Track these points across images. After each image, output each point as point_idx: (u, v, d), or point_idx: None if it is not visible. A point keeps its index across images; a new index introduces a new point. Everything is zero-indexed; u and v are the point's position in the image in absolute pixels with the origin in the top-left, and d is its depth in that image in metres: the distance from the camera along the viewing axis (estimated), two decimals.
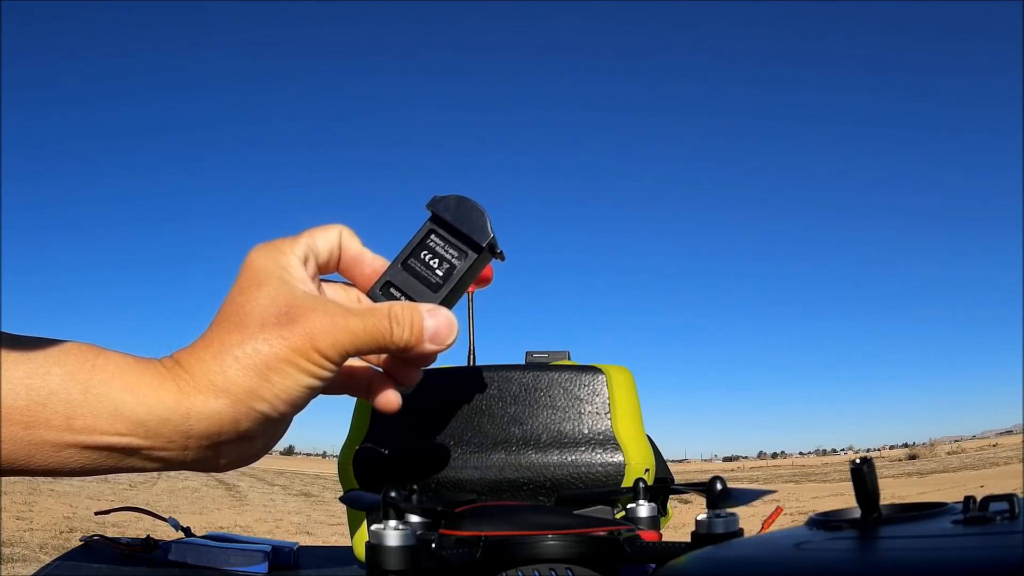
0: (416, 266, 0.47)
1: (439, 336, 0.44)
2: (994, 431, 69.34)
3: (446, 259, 0.47)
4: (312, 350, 0.40)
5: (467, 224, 0.46)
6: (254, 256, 0.43)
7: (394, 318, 0.42)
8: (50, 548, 5.47)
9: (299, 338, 0.39)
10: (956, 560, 0.25)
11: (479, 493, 0.59)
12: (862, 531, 0.30)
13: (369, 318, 0.42)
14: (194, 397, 0.38)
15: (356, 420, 0.63)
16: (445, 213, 0.47)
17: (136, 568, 0.79)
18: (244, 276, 0.42)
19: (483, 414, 0.61)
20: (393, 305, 0.43)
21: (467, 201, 0.47)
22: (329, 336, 0.40)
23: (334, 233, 0.47)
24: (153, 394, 0.38)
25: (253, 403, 0.39)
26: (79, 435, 0.37)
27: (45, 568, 0.77)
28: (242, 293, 0.41)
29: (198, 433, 0.39)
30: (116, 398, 0.37)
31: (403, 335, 0.43)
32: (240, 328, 0.40)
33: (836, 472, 24.86)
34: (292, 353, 0.39)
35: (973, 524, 0.28)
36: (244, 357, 0.39)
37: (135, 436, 0.38)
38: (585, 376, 0.62)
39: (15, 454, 0.37)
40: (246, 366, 0.39)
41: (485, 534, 0.44)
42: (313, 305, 0.41)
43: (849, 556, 0.28)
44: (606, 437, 0.59)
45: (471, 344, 0.75)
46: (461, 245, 0.47)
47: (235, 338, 0.39)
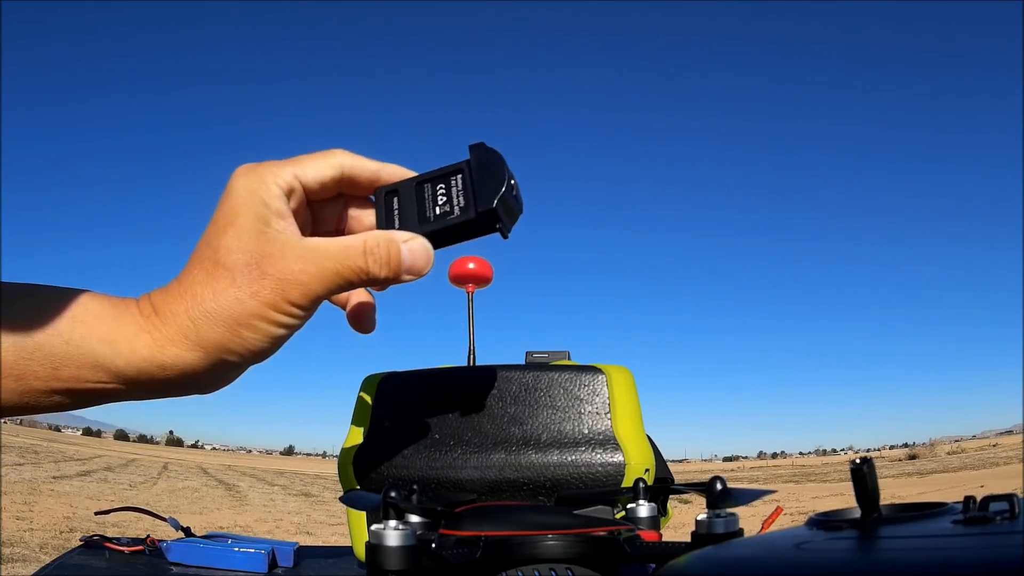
0: (426, 191, 0.46)
1: (415, 267, 0.44)
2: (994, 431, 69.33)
3: (451, 202, 0.46)
4: (283, 302, 0.41)
5: (483, 183, 0.45)
6: (235, 184, 0.42)
7: (369, 253, 0.42)
8: (50, 548, 5.47)
9: (270, 292, 0.40)
10: (956, 560, 0.25)
11: (479, 493, 0.59)
12: (862, 531, 0.30)
13: (344, 258, 0.42)
14: (168, 350, 0.40)
15: (356, 420, 0.63)
16: (476, 161, 0.46)
17: (136, 568, 0.79)
18: (222, 210, 0.42)
19: (483, 414, 0.61)
20: (367, 238, 0.43)
21: (498, 162, 0.45)
22: (301, 286, 0.41)
23: (328, 165, 0.44)
24: (130, 346, 0.40)
25: (224, 355, 0.41)
26: (65, 383, 0.40)
27: (45, 568, 0.77)
28: (217, 235, 0.41)
29: (173, 380, 0.41)
30: (96, 350, 0.40)
31: (379, 271, 0.43)
32: (213, 278, 0.40)
33: (836, 472, 24.87)
34: (263, 307, 0.40)
35: (973, 524, 0.28)
36: (216, 311, 0.40)
37: (116, 383, 0.41)
38: (585, 376, 0.62)
39: (9, 401, 0.40)
40: (218, 321, 0.40)
41: (485, 534, 0.44)
42: (284, 251, 0.41)
43: (849, 556, 0.28)
44: (606, 437, 0.59)
45: (471, 344, 0.75)
46: (471, 199, 0.45)
47: (208, 290, 0.40)
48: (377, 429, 0.61)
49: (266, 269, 0.40)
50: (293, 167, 0.43)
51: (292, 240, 0.41)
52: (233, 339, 0.40)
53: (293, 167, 0.43)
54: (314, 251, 0.41)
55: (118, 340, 0.40)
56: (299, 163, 0.43)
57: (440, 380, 0.63)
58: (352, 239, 0.43)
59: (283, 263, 0.40)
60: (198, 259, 0.41)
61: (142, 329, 0.40)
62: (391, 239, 0.43)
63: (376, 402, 0.63)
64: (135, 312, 0.41)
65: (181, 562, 0.82)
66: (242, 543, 0.84)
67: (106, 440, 75.27)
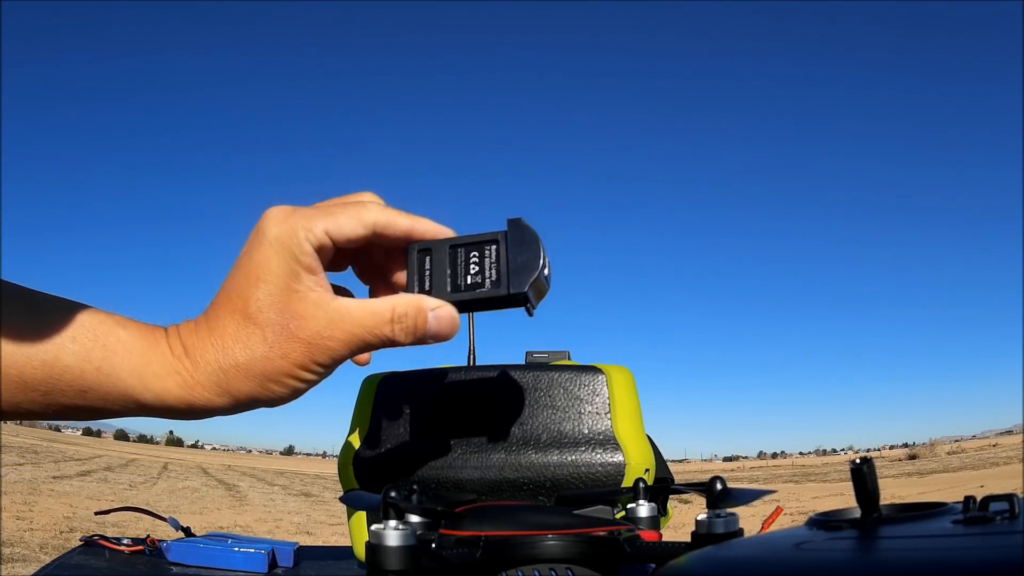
0: (459, 256, 0.47)
1: (440, 335, 0.45)
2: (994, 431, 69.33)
3: (483, 274, 0.46)
4: (311, 363, 0.42)
5: (518, 262, 0.45)
6: (267, 233, 0.42)
7: (397, 321, 0.43)
8: (50, 548, 5.47)
9: (299, 355, 0.42)
10: (956, 560, 0.25)
11: (479, 493, 0.59)
12: (862, 531, 0.30)
13: (372, 326, 0.42)
14: (198, 394, 0.42)
15: (356, 420, 0.63)
16: (514, 237, 0.46)
17: (136, 568, 0.79)
18: (253, 259, 0.42)
19: (483, 414, 0.61)
20: (396, 305, 0.43)
21: (534, 243, 0.46)
22: (328, 350, 0.42)
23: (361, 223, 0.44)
24: (161, 384, 0.42)
25: (250, 403, 0.43)
26: (91, 403, 0.42)
27: (45, 568, 0.77)
28: (248, 286, 0.42)
29: (198, 416, 0.44)
30: (126, 382, 0.42)
31: (404, 339, 0.44)
32: (244, 332, 0.41)
33: (836, 472, 24.87)
34: (292, 367, 0.42)
35: (973, 524, 0.28)
36: (247, 367, 0.42)
37: (140, 412, 0.43)
38: (585, 376, 0.62)
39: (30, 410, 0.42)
40: (247, 375, 0.42)
41: (485, 534, 0.44)
42: (315, 313, 0.42)
43: (849, 556, 0.28)
44: (606, 437, 0.59)
45: (471, 344, 0.75)
46: (503, 275, 0.46)
47: (239, 345, 0.42)
48: (377, 429, 0.61)
49: (296, 332, 0.41)
50: (325, 222, 0.42)
51: (322, 301, 0.42)
52: (261, 391, 0.42)
53: (325, 222, 0.42)
54: (343, 316, 0.42)
55: (148, 376, 0.42)
56: (333, 217, 0.43)
57: (440, 380, 0.63)
58: (380, 304, 0.43)
59: (313, 327, 0.42)
60: (228, 308, 0.42)
61: (173, 370, 0.42)
62: (420, 308, 0.44)
63: (376, 402, 0.63)
64: (166, 350, 0.42)
65: (181, 562, 0.82)
66: (242, 543, 0.84)
67: (106, 440, 75.26)
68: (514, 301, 0.46)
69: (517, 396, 0.61)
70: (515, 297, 0.45)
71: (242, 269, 0.42)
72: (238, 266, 0.42)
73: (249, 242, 0.43)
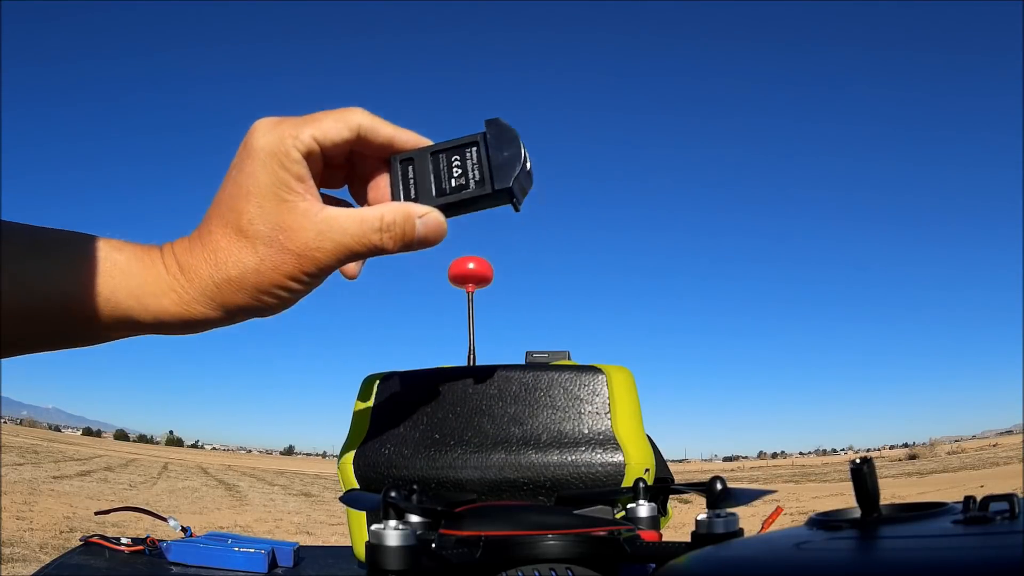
0: (441, 162, 0.47)
1: (428, 240, 0.46)
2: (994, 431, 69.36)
3: (467, 175, 0.46)
4: (300, 273, 0.43)
5: (500, 159, 0.46)
6: (256, 143, 0.43)
7: (386, 229, 0.44)
8: (50, 548, 5.47)
9: (289, 266, 0.43)
10: (956, 560, 0.25)
11: (479, 493, 0.59)
12: (862, 531, 0.30)
13: (360, 235, 0.43)
14: (194, 308, 0.44)
15: (356, 420, 0.63)
16: (493, 136, 0.46)
17: (136, 568, 0.79)
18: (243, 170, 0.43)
19: (483, 414, 0.61)
20: (384, 213, 0.44)
21: (515, 140, 0.46)
22: (317, 261, 0.43)
23: (347, 126, 0.45)
24: (157, 303, 0.43)
25: (243, 314, 0.45)
26: (96, 330, 0.44)
27: (45, 568, 0.77)
28: (239, 198, 0.43)
29: (195, 329, 0.46)
30: (125, 305, 0.43)
31: (393, 246, 0.44)
32: (236, 246, 0.43)
33: (836, 472, 24.87)
34: (282, 278, 0.43)
35: (973, 524, 0.28)
36: (239, 280, 0.43)
37: (140, 331, 0.45)
38: (585, 376, 0.61)
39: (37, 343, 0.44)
40: (239, 287, 0.43)
41: (485, 534, 0.44)
42: (304, 223, 0.42)
43: (849, 556, 0.28)
44: (606, 437, 0.59)
45: (471, 344, 0.75)
46: (486, 174, 0.46)
47: (231, 258, 0.43)
48: (377, 429, 0.61)
49: (286, 244, 0.42)
50: (312, 128, 0.43)
51: (311, 211, 0.43)
52: (253, 302, 0.44)
53: (312, 128, 0.43)
54: (332, 226, 0.43)
55: (146, 296, 0.43)
56: (318, 123, 0.44)
57: (440, 380, 0.63)
58: (369, 213, 0.44)
59: (302, 238, 0.42)
60: (219, 220, 0.43)
61: (168, 287, 0.43)
62: (408, 215, 0.44)
63: (376, 402, 0.63)
64: (161, 268, 0.44)
65: (181, 562, 0.82)
66: (242, 543, 0.84)
67: (106, 440, 75.25)
68: (500, 198, 0.46)
69: (517, 396, 0.61)
70: (501, 194, 0.46)
71: (232, 182, 0.43)
72: (228, 179, 0.43)
73: (238, 154, 0.43)
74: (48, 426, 79.70)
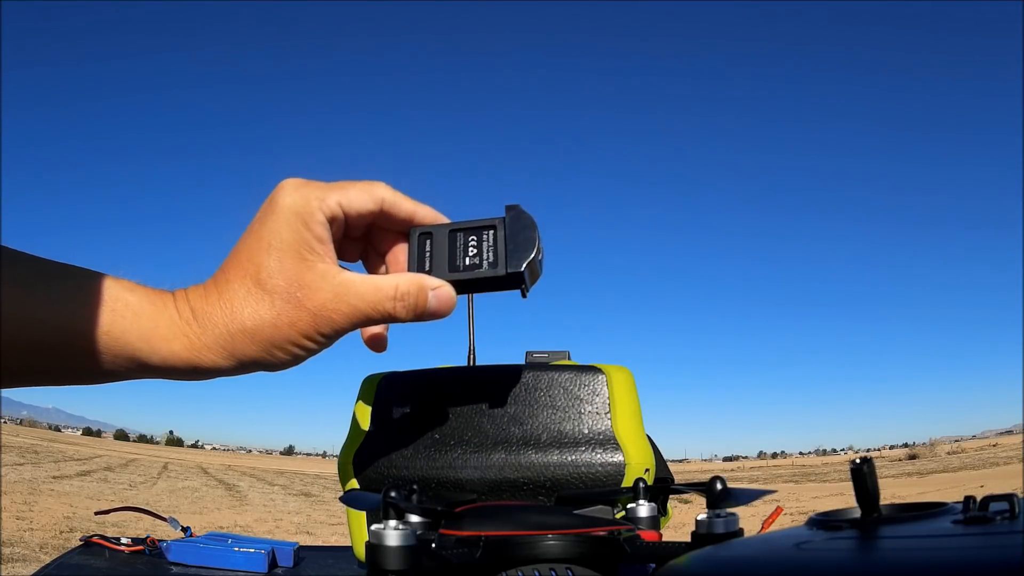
0: (459, 240, 0.49)
1: (438, 313, 0.47)
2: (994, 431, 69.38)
3: (481, 255, 0.48)
4: (316, 332, 0.44)
5: (515, 244, 0.47)
6: (282, 202, 0.44)
7: (399, 298, 0.45)
8: (50, 548, 5.47)
9: (304, 324, 0.43)
10: (956, 560, 0.25)
11: (479, 493, 0.59)
12: (862, 531, 0.30)
13: (375, 301, 0.44)
14: (204, 356, 0.44)
15: (356, 420, 0.63)
16: (511, 222, 0.48)
17: (136, 568, 0.79)
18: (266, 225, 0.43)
19: (483, 414, 0.61)
20: (400, 283, 0.45)
21: (531, 227, 0.48)
22: (332, 322, 0.43)
23: (371, 198, 0.46)
24: (167, 347, 0.43)
25: (253, 367, 0.45)
26: (100, 366, 0.43)
27: (45, 568, 0.77)
28: (260, 252, 0.43)
29: (202, 377, 0.45)
30: (134, 346, 0.43)
31: (405, 315, 0.45)
32: (253, 298, 0.43)
33: (836, 472, 24.87)
34: (296, 335, 0.43)
35: (973, 524, 0.28)
36: (253, 332, 0.43)
37: (147, 375, 0.45)
38: (585, 376, 0.61)
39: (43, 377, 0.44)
40: (253, 340, 0.43)
41: (485, 534, 0.44)
42: (322, 284, 0.43)
43: (849, 556, 0.28)
44: (606, 437, 0.59)
45: (471, 344, 0.75)
46: (500, 257, 0.48)
47: (247, 310, 0.43)
48: (377, 429, 0.61)
49: (303, 301, 0.43)
50: (338, 194, 0.45)
51: (330, 272, 0.44)
52: (265, 356, 0.44)
53: (338, 194, 0.45)
54: (348, 290, 0.44)
55: (156, 339, 0.43)
56: (344, 191, 0.45)
57: (440, 380, 0.63)
58: (384, 281, 0.45)
59: (320, 298, 0.43)
60: (238, 272, 0.43)
61: (180, 333, 0.43)
62: (421, 287, 0.45)
63: (376, 402, 0.63)
64: (173, 313, 0.43)
65: (181, 562, 0.82)
66: (242, 543, 0.84)
67: (106, 440, 75.22)
68: (511, 282, 0.48)
69: (517, 396, 0.61)
70: (512, 277, 0.47)
71: (254, 235, 0.44)
72: (250, 232, 0.44)
73: (262, 210, 0.44)
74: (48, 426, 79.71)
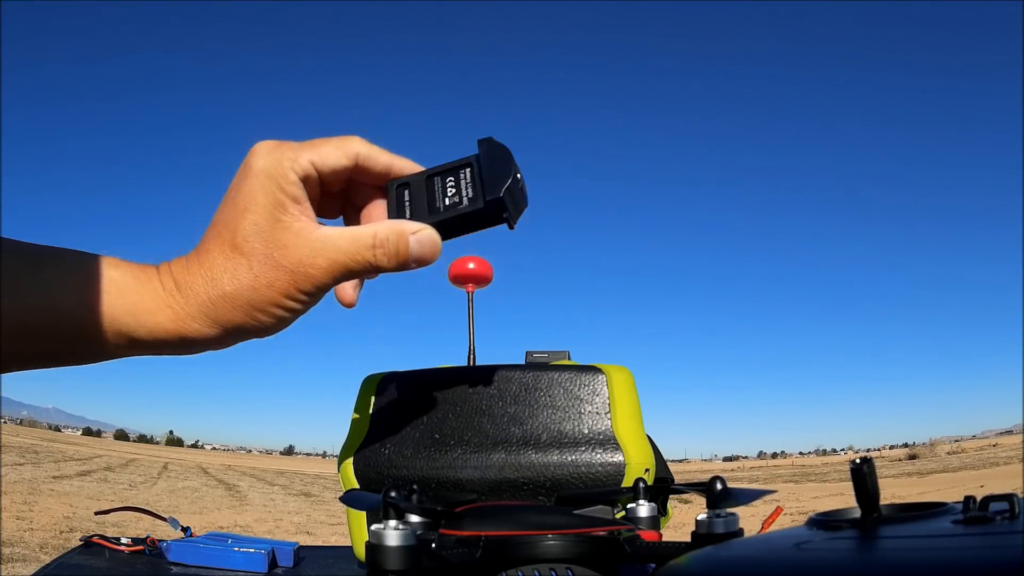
0: (436, 184, 0.48)
1: (423, 258, 0.45)
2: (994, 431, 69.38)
3: (460, 193, 0.47)
4: (295, 291, 0.43)
5: (492, 174, 0.46)
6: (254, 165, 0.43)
7: (379, 246, 0.44)
8: (50, 548, 5.47)
9: (284, 283, 0.43)
10: (956, 560, 0.25)
11: (479, 493, 0.59)
12: (862, 531, 0.30)
13: (354, 252, 0.43)
14: (189, 325, 0.43)
15: (356, 420, 0.63)
16: (485, 155, 0.47)
17: (136, 568, 0.79)
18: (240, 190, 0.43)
19: (483, 414, 0.61)
20: (378, 231, 0.44)
21: (506, 155, 0.47)
22: (311, 278, 0.43)
23: (344, 154, 0.46)
24: (152, 319, 0.43)
25: (239, 334, 0.45)
26: (89, 345, 0.43)
27: (45, 568, 0.77)
28: (236, 217, 0.43)
29: (190, 348, 0.45)
30: (120, 321, 0.43)
31: (387, 263, 0.44)
32: (231, 262, 0.43)
33: (836, 472, 24.87)
34: (277, 295, 0.43)
35: (973, 524, 0.28)
36: (234, 296, 0.43)
37: (136, 348, 0.45)
38: (585, 376, 0.61)
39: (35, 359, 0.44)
40: (235, 304, 0.43)
41: (485, 534, 0.44)
42: (298, 242, 0.43)
43: (849, 556, 0.28)
44: (606, 437, 0.59)
45: (471, 344, 0.75)
46: (478, 190, 0.47)
47: (226, 274, 0.43)
48: (377, 429, 0.61)
49: (280, 260, 0.43)
50: (311, 153, 0.44)
51: (306, 230, 0.43)
52: (248, 320, 0.44)
53: (311, 153, 0.44)
54: (326, 244, 0.43)
55: (141, 313, 0.43)
56: (317, 148, 0.45)
57: (440, 380, 0.63)
58: (362, 231, 0.44)
59: (296, 255, 0.43)
60: (216, 238, 0.44)
61: (164, 304, 0.43)
62: (400, 232, 0.45)
63: (376, 402, 0.63)
64: (157, 285, 0.44)
65: (181, 562, 0.82)
66: (242, 543, 0.84)
67: (106, 440, 75.22)
68: (494, 217, 0.47)
69: (517, 396, 0.61)
70: (494, 209, 0.46)
71: (230, 201, 0.44)
72: (226, 198, 0.44)
73: (237, 175, 0.44)
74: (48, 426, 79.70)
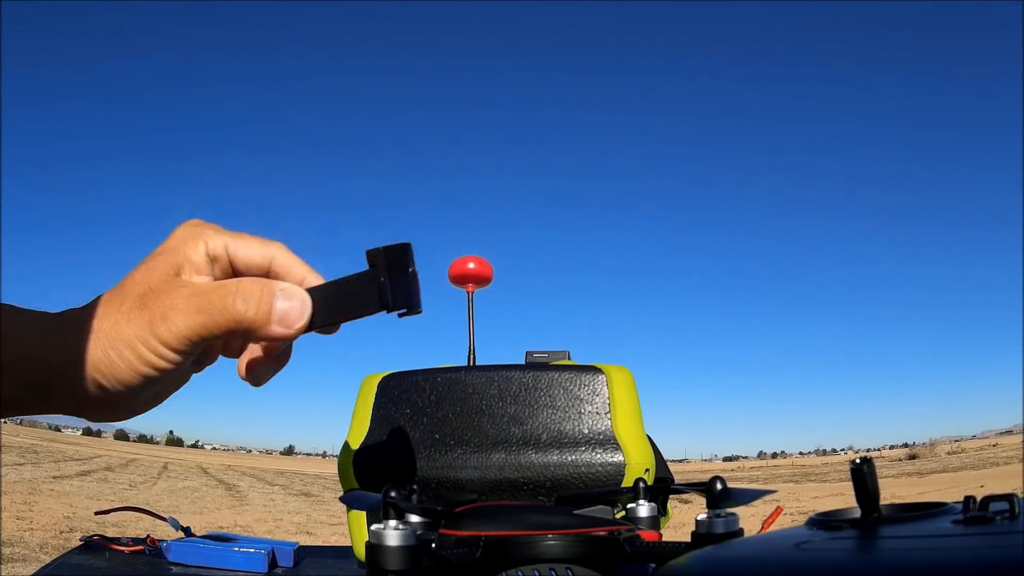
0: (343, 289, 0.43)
1: (288, 319, 0.41)
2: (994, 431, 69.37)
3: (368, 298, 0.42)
4: (152, 337, 0.39)
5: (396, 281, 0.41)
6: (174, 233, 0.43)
7: (240, 293, 0.40)
8: (50, 548, 5.47)
9: (143, 323, 0.39)
10: (956, 560, 0.25)
11: (479, 493, 0.59)
12: (862, 531, 0.30)
13: (214, 295, 0.40)
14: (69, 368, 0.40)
15: (356, 420, 0.63)
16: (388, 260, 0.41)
17: (136, 568, 0.79)
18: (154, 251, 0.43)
19: (483, 414, 0.61)
20: (243, 280, 0.41)
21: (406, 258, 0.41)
22: (168, 321, 0.39)
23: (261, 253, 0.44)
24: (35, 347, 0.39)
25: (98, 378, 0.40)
26: None
27: (45, 568, 0.77)
28: (137, 269, 0.42)
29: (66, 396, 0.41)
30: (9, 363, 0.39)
31: (247, 312, 0.40)
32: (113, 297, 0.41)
33: (836, 472, 24.87)
34: (133, 339, 0.39)
35: (973, 524, 0.28)
36: (99, 331, 0.39)
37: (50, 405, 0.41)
38: (585, 376, 0.62)
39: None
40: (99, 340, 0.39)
41: (485, 534, 0.44)
42: (169, 288, 0.40)
43: (849, 556, 0.28)
44: (606, 437, 0.59)
45: (471, 344, 0.75)
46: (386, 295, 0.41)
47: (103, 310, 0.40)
48: (377, 429, 0.62)
49: (147, 301, 0.40)
50: (230, 239, 0.43)
51: (181, 280, 0.41)
52: (103, 360, 0.39)
53: (230, 239, 0.43)
54: (195, 291, 0.40)
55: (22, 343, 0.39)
56: (238, 238, 0.43)
57: (440, 380, 0.63)
58: (229, 280, 0.41)
59: (162, 298, 0.40)
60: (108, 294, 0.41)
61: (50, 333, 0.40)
62: (266, 283, 0.41)
63: (376, 402, 0.63)
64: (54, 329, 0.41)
65: (181, 562, 0.82)
66: (242, 543, 0.84)
67: (106, 440, 75.22)
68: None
69: (517, 396, 0.61)
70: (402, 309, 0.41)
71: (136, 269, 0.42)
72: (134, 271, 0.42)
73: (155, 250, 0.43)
74: (48, 426, 79.77)
